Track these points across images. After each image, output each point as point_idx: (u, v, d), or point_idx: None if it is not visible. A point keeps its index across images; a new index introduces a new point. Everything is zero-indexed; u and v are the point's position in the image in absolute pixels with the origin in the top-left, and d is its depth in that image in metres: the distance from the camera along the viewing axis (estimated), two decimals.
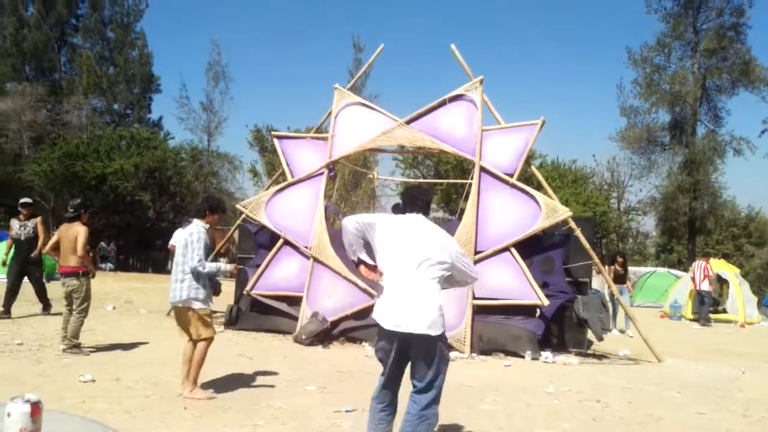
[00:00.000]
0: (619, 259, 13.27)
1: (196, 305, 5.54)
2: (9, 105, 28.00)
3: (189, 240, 5.51)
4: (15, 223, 9.93)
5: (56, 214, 24.93)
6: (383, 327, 3.80)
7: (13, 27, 33.13)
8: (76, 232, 7.23)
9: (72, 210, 7.49)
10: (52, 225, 25.81)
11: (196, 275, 5.49)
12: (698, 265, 15.70)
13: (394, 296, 3.80)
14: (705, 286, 15.19)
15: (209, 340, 5.65)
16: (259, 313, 9.79)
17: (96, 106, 33.64)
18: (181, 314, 5.67)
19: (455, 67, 9.96)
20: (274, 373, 6.69)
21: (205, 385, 5.83)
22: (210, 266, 5.58)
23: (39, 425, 1.59)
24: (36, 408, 1.58)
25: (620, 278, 12.89)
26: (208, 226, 5.68)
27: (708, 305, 15.34)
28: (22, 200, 10.17)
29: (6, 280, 10.03)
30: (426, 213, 4.09)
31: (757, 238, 38.40)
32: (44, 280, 10.60)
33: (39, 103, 29.38)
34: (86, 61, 33.45)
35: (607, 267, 12.53)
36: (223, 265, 5.61)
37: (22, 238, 9.84)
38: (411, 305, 3.74)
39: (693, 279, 15.57)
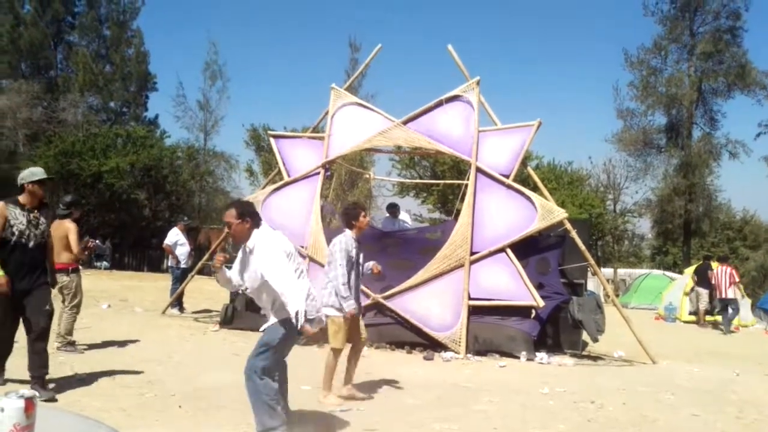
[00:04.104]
0: None
1: (330, 312, 5.64)
2: (5, 102, 27.89)
3: (332, 250, 5.74)
4: None
5: (51, 211, 24.84)
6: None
7: (10, 24, 33.00)
8: (66, 230, 7.19)
9: (63, 207, 7.48)
10: None
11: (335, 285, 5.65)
12: (723, 270, 14.77)
13: None
14: (731, 294, 14.55)
15: (335, 351, 5.71)
16: (254, 313, 9.73)
17: (92, 104, 33.55)
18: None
19: (452, 68, 9.97)
20: None
21: (201, 383, 5.82)
22: (346, 294, 5.64)
23: (33, 421, 1.59)
24: (30, 403, 1.58)
25: None
26: (354, 235, 5.82)
27: (734, 313, 14.63)
28: None
29: None
30: None
31: (751, 241, 38.60)
32: None
33: (35, 100, 29.27)
34: (82, 59, 33.36)
35: None
36: (350, 308, 5.67)
37: None
38: None
39: (716, 285, 14.67)
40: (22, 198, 5.41)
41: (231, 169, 31.24)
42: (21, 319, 5.46)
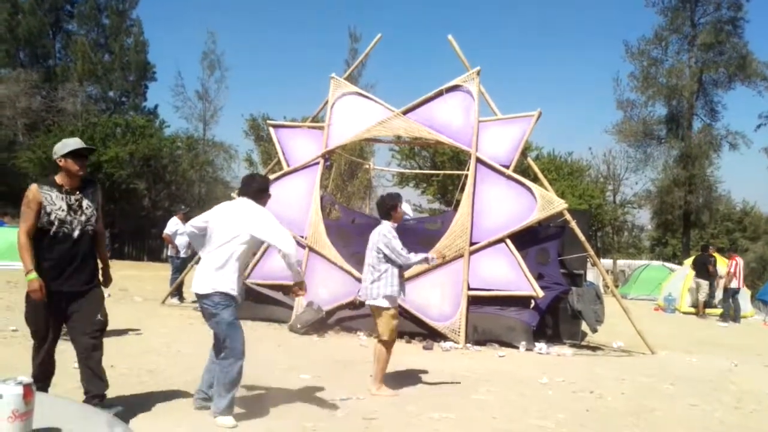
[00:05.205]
0: None
1: (385, 304, 5.60)
2: (3, 91, 27.81)
3: (385, 240, 5.59)
4: None
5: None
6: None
7: (8, 12, 32.85)
8: None
9: None
10: None
11: (399, 268, 5.62)
12: (739, 262, 15.45)
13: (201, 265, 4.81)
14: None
15: (390, 344, 5.68)
16: (254, 302, 9.76)
17: (91, 93, 33.47)
18: (374, 313, 5.75)
19: (452, 58, 9.93)
20: (269, 362, 6.68)
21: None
22: (418, 257, 5.73)
23: (31, 407, 1.58)
24: (28, 390, 1.57)
25: None
26: (396, 224, 5.80)
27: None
28: None
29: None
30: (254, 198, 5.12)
31: (751, 232, 38.65)
32: None
33: (33, 89, 29.21)
34: (81, 48, 33.22)
35: None
36: (429, 255, 5.75)
37: None
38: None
39: (735, 276, 15.16)
40: (58, 178, 4.30)
41: (230, 158, 31.27)
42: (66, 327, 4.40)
